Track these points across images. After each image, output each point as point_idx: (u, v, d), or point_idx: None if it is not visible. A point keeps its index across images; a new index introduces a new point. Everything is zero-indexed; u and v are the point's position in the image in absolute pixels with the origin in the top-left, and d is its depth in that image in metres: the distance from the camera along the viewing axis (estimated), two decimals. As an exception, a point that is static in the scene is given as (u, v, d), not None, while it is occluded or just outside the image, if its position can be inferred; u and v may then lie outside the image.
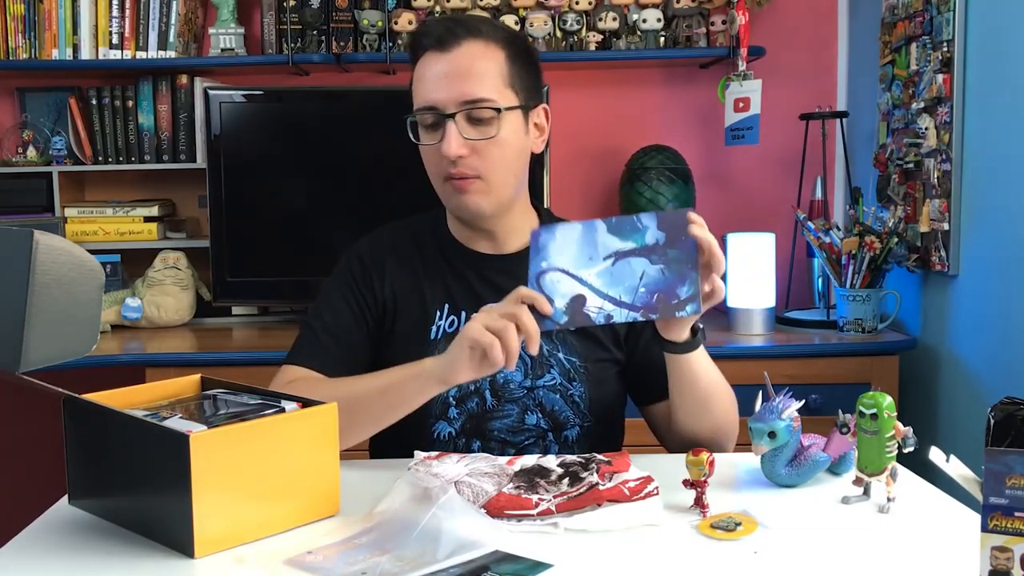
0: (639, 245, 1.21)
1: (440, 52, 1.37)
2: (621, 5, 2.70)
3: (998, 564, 0.83)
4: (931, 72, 2.25)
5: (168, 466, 1.03)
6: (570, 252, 1.23)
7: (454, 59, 1.36)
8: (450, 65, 1.36)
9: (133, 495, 1.10)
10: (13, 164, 2.72)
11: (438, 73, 1.37)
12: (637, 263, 1.20)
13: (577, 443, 1.44)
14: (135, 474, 1.09)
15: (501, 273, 1.45)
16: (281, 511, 1.09)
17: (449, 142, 1.35)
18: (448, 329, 1.44)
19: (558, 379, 1.43)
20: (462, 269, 1.47)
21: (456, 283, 1.47)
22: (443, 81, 1.36)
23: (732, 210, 2.85)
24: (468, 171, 1.37)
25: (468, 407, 1.43)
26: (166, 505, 1.04)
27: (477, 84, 1.36)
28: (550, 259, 1.23)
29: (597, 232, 1.24)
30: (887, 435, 1.14)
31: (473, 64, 1.36)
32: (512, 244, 1.48)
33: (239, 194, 2.60)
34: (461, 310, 1.44)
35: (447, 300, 1.45)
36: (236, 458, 1.04)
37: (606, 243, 1.22)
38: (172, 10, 2.67)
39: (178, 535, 1.03)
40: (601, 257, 1.21)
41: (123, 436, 1.10)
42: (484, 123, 1.37)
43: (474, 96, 1.35)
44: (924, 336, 2.41)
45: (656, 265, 1.20)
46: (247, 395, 1.21)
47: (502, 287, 1.41)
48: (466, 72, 1.36)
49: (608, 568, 0.99)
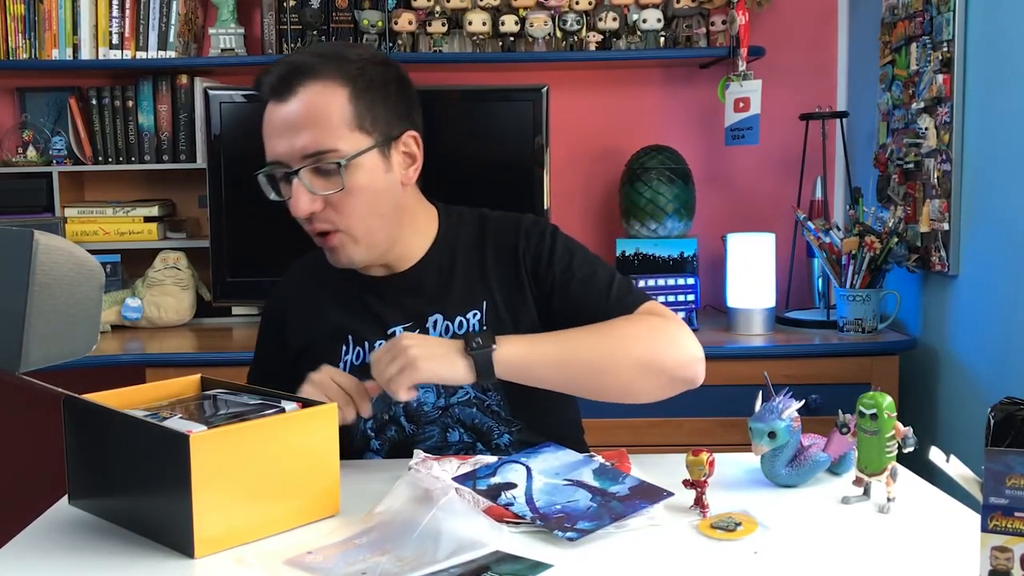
0: (600, 486, 1.18)
1: (277, 102, 1.29)
2: (621, 5, 2.69)
3: (998, 564, 0.83)
4: (931, 72, 2.25)
5: (168, 466, 1.03)
6: (551, 463, 1.23)
7: (291, 109, 1.27)
8: (287, 116, 1.28)
9: (133, 495, 1.10)
10: (13, 164, 2.72)
11: (277, 126, 1.29)
12: (580, 492, 1.16)
13: (514, 447, 1.39)
14: (135, 474, 1.09)
15: (403, 291, 1.41)
16: (281, 511, 1.09)
17: (297, 201, 1.28)
18: (355, 362, 1.40)
19: (471, 392, 1.39)
20: (364, 296, 1.42)
21: (360, 312, 1.42)
22: (283, 134, 1.28)
23: (732, 210, 2.86)
24: (326, 226, 1.31)
25: (388, 435, 1.41)
26: (166, 505, 1.04)
27: (318, 134, 1.27)
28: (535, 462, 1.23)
29: (584, 467, 1.23)
30: (887, 435, 1.14)
31: (311, 112, 1.27)
32: (408, 259, 1.42)
33: (239, 194, 2.60)
34: (364, 340, 1.40)
35: (349, 333, 1.41)
36: (236, 458, 1.04)
37: (580, 475, 1.20)
38: (172, 10, 2.67)
39: (178, 535, 1.03)
40: (562, 478, 1.20)
41: (123, 436, 1.10)
42: (332, 174, 1.28)
43: (315, 148, 1.27)
44: (924, 336, 2.41)
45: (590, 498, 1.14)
46: (247, 395, 1.21)
47: (402, 304, 1.41)
48: (304, 122, 1.27)
49: (608, 568, 0.99)
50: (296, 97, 1.28)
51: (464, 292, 1.40)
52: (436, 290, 1.41)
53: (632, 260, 2.60)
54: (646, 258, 2.58)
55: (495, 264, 1.41)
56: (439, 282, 1.41)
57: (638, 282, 2.41)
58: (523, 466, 1.22)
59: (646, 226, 2.62)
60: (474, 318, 1.39)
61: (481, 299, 1.40)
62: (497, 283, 1.40)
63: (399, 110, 1.36)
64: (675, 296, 2.47)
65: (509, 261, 1.40)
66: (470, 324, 1.39)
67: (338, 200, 1.29)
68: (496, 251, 1.42)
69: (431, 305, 1.40)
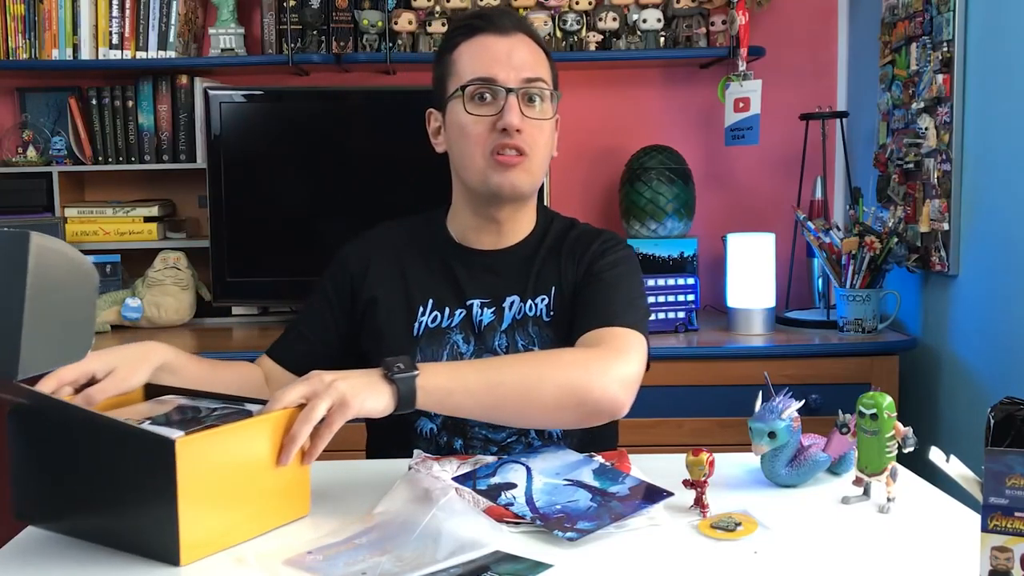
0: (600, 486, 1.18)
1: (499, 35, 1.43)
2: (621, 5, 2.70)
3: (998, 564, 0.83)
4: (931, 72, 2.25)
5: (150, 472, 0.99)
6: (551, 463, 1.23)
7: (514, 43, 1.43)
8: (510, 46, 1.42)
9: (105, 505, 1.04)
10: (13, 164, 2.72)
11: (498, 52, 1.42)
12: (580, 492, 1.16)
13: (562, 438, 1.42)
14: (109, 483, 1.03)
15: (488, 270, 1.47)
16: (257, 515, 1.08)
17: (511, 113, 1.38)
18: (431, 325, 1.45)
19: None
20: (451, 265, 1.48)
21: (444, 279, 1.48)
22: (503, 59, 1.41)
23: (732, 210, 2.86)
24: (522, 146, 1.40)
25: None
26: (147, 514, 1.00)
27: (538, 64, 1.43)
28: (535, 463, 1.23)
29: (584, 466, 1.23)
30: (887, 435, 1.14)
31: (530, 50, 1.44)
32: (512, 238, 1.49)
33: (239, 194, 2.60)
34: (444, 306, 1.46)
35: (431, 296, 1.47)
36: (220, 462, 1.02)
37: (580, 475, 1.21)
38: (172, 10, 2.67)
39: (161, 544, 0.99)
40: (562, 478, 1.20)
41: (92, 443, 1.04)
42: (538, 105, 1.42)
43: (534, 75, 1.41)
44: (924, 336, 2.41)
45: (590, 498, 1.14)
46: (206, 400, 1.19)
47: (487, 282, 1.46)
48: (526, 55, 1.42)
49: (608, 568, 0.99)
50: (518, 36, 1.44)
51: (538, 279, 1.47)
52: (517, 275, 1.47)
53: (632, 260, 2.60)
54: (646, 258, 2.58)
55: (568, 258, 1.48)
56: (521, 269, 1.48)
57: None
58: (523, 466, 1.22)
59: (646, 226, 2.62)
60: (542, 303, 1.46)
61: (550, 286, 1.46)
62: (566, 274, 1.47)
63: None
64: (675, 296, 2.47)
65: (579, 258, 1.48)
66: (538, 308, 1.45)
67: (534, 127, 1.41)
68: (572, 248, 1.49)
69: (509, 288, 1.46)
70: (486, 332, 1.44)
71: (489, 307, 1.45)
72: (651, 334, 1.44)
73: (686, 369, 2.31)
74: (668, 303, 2.46)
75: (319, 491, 1.18)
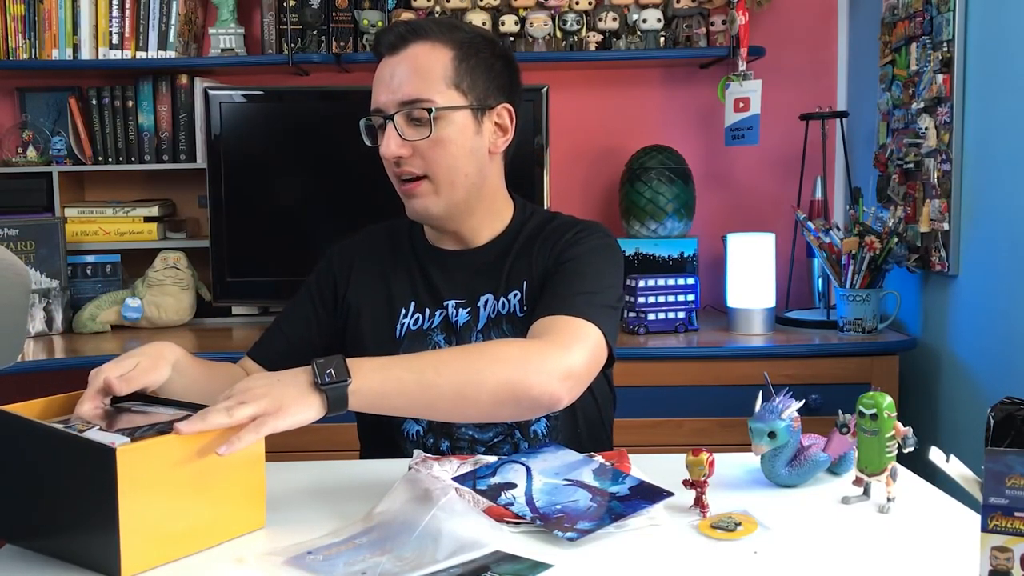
0: (600, 486, 1.17)
1: (389, 55, 1.39)
2: (621, 5, 2.69)
3: (998, 564, 0.83)
4: (931, 72, 2.25)
5: (91, 481, 0.96)
6: (551, 463, 1.23)
7: (399, 62, 1.38)
8: (393, 66, 1.38)
9: (57, 518, 1.01)
10: (13, 164, 2.72)
11: (383, 75, 1.39)
12: (580, 492, 1.16)
13: (548, 436, 1.42)
14: (52, 491, 1.00)
15: (463, 269, 1.47)
16: (207, 527, 1.04)
17: (387, 143, 1.36)
18: (412, 327, 1.46)
19: None
20: (427, 266, 1.49)
21: (421, 281, 1.48)
22: (386, 82, 1.38)
23: (732, 210, 2.86)
24: (414, 170, 1.38)
25: None
26: (89, 524, 0.98)
27: (416, 85, 1.36)
28: (535, 462, 1.23)
29: (584, 466, 1.22)
30: (887, 435, 1.14)
31: (415, 65, 1.37)
32: (480, 238, 1.48)
33: (239, 194, 2.60)
34: (425, 308, 1.46)
35: (412, 298, 1.47)
36: (164, 471, 0.99)
37: (580, 475, 1.20)
38: (172, 10, 2.67)
39: (102, 557, 0.96)
40: (562, 478, 1.19)
41: (39, 450, 1.01)
42: (422, 123, 1.36)
43: (410, 97, 1.36)
44: (924, 336, 2.41)
45: (590, 498, 1.14)
46: (162, 406, 1.17)
47: (460, 282, 1.46)
48: (407, 74, 1.37)
49: (608, 568, 0.99)
50: (406, 52, 1.38)
51: (510, 275, 1.46)
52: (491, 272, 1.46)
53: (632, 260, 2.60)
54: (646, 258, 2.58)
55: (540, 250, 1.46)
56: (493, 266, 1.47)
57: (638, 282, 2.42)
58: (523, 466, 1.22)
59: (646, 226, 2.62)
60: (515, 299, 1.44)
61: (522, 280, 1.45)
62: (537, 266, 1.45)
63: (499, 83, 1.43)
64: (675, 296, 2.47)
65: (551, 248, 1.45)
66: (511, 304, 1.44)
67: (426, 147, 1.36)
68: (546, 239, 1.47)
69: (484, 285, 1.45)
70: (463, 332, 1.44)
71: (464, 307, 1.45)
72: (651, 334, 1.44)
73: (686, 369, 2.31)
74: (668, 303, 2.46)
75: (319, 491, 1.18)
